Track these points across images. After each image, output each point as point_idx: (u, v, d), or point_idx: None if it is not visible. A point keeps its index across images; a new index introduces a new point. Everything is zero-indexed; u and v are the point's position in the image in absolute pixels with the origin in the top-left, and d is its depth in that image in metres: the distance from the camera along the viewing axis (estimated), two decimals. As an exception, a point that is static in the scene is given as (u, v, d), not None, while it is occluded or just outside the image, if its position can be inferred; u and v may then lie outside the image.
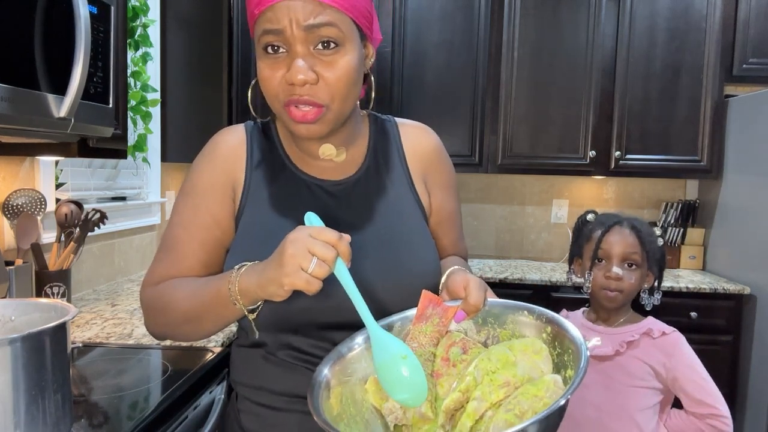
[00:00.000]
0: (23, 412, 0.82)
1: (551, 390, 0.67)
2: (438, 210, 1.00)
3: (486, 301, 0.82)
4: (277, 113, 0.87)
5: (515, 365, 0.72)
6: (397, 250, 0.90)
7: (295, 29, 0.79)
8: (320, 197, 0.92)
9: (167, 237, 0.92)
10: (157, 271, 0.91)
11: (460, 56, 2.86)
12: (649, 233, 1.44)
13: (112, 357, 1.42)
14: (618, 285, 1.40)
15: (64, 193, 1.97)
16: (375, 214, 0.92)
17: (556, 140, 2.88)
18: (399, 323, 0.83)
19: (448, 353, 0.77)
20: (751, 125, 2.63)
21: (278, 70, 0.82)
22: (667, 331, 1.42)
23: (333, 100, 0.83)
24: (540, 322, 0.79)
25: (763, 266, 2.50)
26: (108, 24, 1.38)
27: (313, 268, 0.70)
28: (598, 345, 1.39)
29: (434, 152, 1.01)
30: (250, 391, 0.92)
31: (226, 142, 0.94)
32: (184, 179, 0.94)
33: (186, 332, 0.89)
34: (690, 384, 1.38)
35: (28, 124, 1.16)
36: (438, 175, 1.01)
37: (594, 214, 1.52)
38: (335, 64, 0.82)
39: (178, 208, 0.92)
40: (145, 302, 0.92)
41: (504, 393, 0.69)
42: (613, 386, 1.40)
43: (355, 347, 0.81)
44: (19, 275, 1.54)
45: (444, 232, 1.02)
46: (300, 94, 0.81)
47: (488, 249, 3.29)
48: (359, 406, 0.76)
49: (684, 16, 2.77)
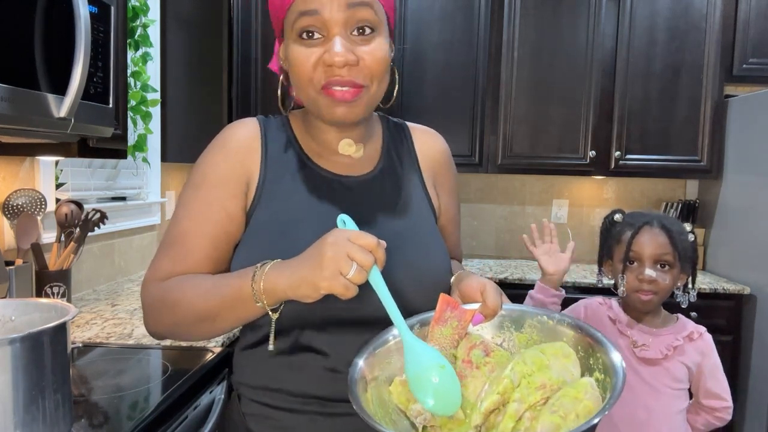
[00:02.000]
0: (23, 412, 0.82)
1: (589, 392, 0.69)
2: (444, 212, 1.02)
3: (503, 305, 0.83)
4: (310, 99, 0.85)
5: (549, 368, 0.74)
6: (413, 248, 0.89)
7: (335, 10, 0.79)
8: (339, 192, 0.90)
9: (173, 231, 0.88)
10: (161, 267, 0.87)
11: (460, 56, 2.86)
12: (680, 231, 1.41)
13: (112, 357, 1.42)
14: (651, 287, 1.37)
15: (64, 193, 1.97)
16: (392, 211, 0.92)
17: (556, 140, 2.88)
18: (417, 326, 0.83)
19: (470, 355, 0.78)
20: (751, 125, 2.63)
21: (313, 54, 0.81)
22: (702, 332, 1.43)
23: (372, 81, 0.83)
24: (561, 327, 0.81)
25: (763, 266, 2.50)
26: (108, 24, 1.38)
27: (353, 274, 0.69)
28: (646, 348, 1.40)
29: (443, 156, 1.03)
30: (259, 394, 0.89)
31: (240, 135, 0.91)
32: (192, 171, 0.91)
33: (197, 332, 0.85)
34: (712, 381, 1.42)
35: (28, 124, 1.16)
36: (446, 179, 1.03)
37: (621, 214, 1.49)
38: (372, 47, 0.82)
39: (185, 201, 0.89)
40: (148, 300, 0.87)
41: (540, 395, 0.70)
42: (660, 389, 1.40)
43: (384, 344, 0.80)
44: (19, 275, 1.54)
45: (447, 235, 1.02)
46: (340, 75, 0.80)
47: (488, 249, 3.29)
48: (386, 405, 0.76)
49: (684, 16, 2.77)
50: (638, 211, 1.51)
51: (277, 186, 0.89)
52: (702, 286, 2.56)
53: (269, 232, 0.86)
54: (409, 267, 0.87)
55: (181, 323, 0.84)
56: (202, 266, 0.86)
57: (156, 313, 0.86)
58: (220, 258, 0.88)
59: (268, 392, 0.88)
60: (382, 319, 0.76)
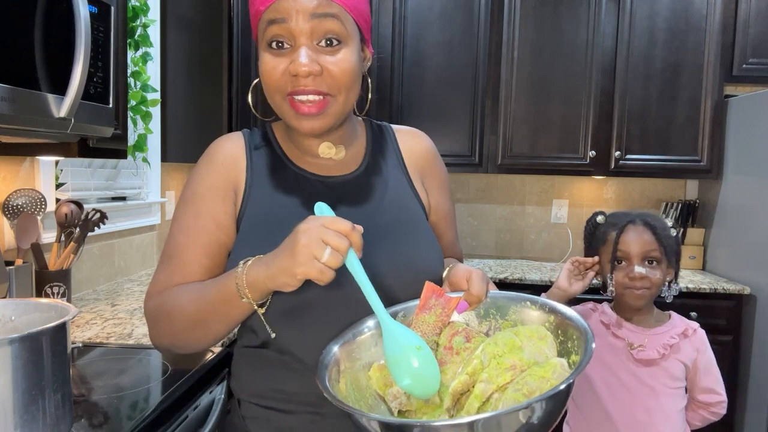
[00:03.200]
0: (23, 412, 0.82)
1: (558, 372, 0.68)
2: (435, 209, 1.02)
3: (488, 292, 0.83)
4: (278, 108, 0.87)
5: (521, 350, 0.73)
6: (402, 240, 0.90)
7: (301, 20, 0.81)
8: (322, 192, 0.92)
9: (169, 246, 0.91)
10: (160, 281, 0.90)
11: (460, 56, 2.86)
12: (663, 227, 1.43)
13: (112, 357, 1.42)
14: (643, 283, 1.39)
15: (64, 193, 1.97)
16: (378, 207, 0.93)
17: (556, 140, 2.88)
18: (402, 313, 0.83)
19: (452, 342, 0.78)
20: (751, 125, 2.63)
21: (281, 63, 0.83)
22: (695, 328, 1.44)
23: (339, 91, 0.84)
24: (543, 312, 0.81)
25: (763, 266, 2.50)
26: (108, 24, 1.38)
27: (327, 258, 0.70)
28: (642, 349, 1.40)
29: (429, 154, 1.04)
30: (258, 396, 0.90)
31: (225, 148, 0.94)
32: (184, 188, 0.94)
33: (193, 339, 0.86)
34: (707, 376, 1.42)
35: (28, 124, 1.16)
36: (434, 176, 1.04)
37: (603, 215, 1.50)
38: (338, 59, 0.83)
39: (178, 217, 0.92)
40: (149, 314, 0.90)
41: (510, 376, 0.69)
42: (659, 389, 1.40)
43: (364, 331, 0.81)
44: (19, 275, 1.54)
45: (442, 231, 1.03)
46: (304, 84, 0.82)
47: (488, 249, 3.30)
48: (363, 392, 0.76)
49: (684, 16, 2.77)
50: (619, 211, 1.53)
51: (263, 191, 0.91)
52: (702, 286, 2.56)
53: (256, 235, 0.87)
54: (399, 259, 0.88)
55: (178, 332, 0.86)
56: (198, 275, 0.88)
57: (156, 325, 0.89)
58: (215, 267, 0.89)
59: (267, 394, 0.89)
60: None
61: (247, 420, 0.91)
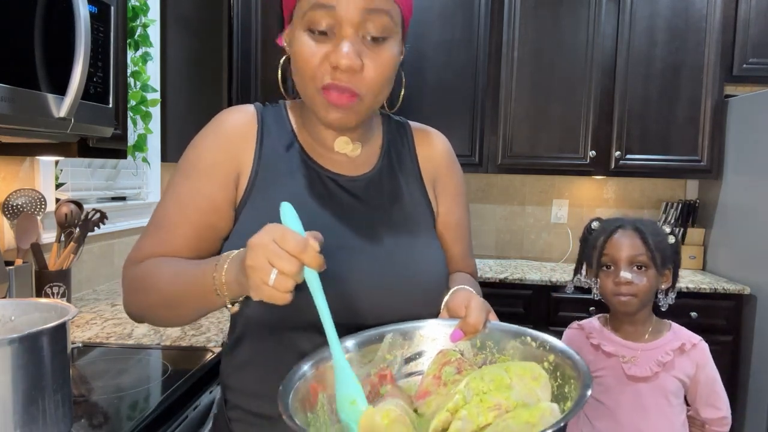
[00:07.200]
0: (23, 413, 0.82)
1: (546, 418, 0.60)
2: (444, 217, 0.97)
3: (487, 323, 0.77)
4: (308, 96, 0.82)
5: (510, 388, 0.66)
6: (406, 256, 0.87)
7: (351, 10, 0.75)
8: (334, 192, 0.88)
9: (159, 214, 0.86)
10: (143, 248, 0.85)
11: (460, 56, 2.86)
12: (655, 232, 1.39)
13: (112, 357, 1.42)
14: (629, 289, 1.35)
15: (64, 193, 1.97)
16: (388, 216, 0.89)
17: (556, 140, 2.88)
18: (390, 335, 0.78)
19: (441, 372, 0.72)
20: (751, 125, 2.63)
21: (321, 50, 0.78)
22: (696, 342, 1.39)
23: (369, 92, 0.80)
24: (543, 350, 0.74)
25: (763, 266, 2.50)
26: (108, 24, 1.38)
27: (273, 282, 0.63)
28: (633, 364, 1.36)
29: (446, 158, 1.00)
30: (243, 399, 0.87)
31: (234, 122, 0.88)
32: (185, 153, 0.88)
33: (164, 317, 0.83)
34: (709, 392, 1.38)
35: (28, 124, 1.16)
36: (447, 181, 0.99)
37: (599, 222, 1.48)
38: (380, 56, 0.79)
39: (174, 185, 0.86)
40: (127, 281, 0.85)
41: (493, 416, 0.62)
42: (652, 408, 1.35)
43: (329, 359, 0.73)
44: (19, 275, 1.54)
45: (451, 241, 0.98)
46: (342, 79, 0.77)
47: (488, 249, 3.29)
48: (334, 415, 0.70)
49: (684, 16, 2.77)
50: (614, 217, 1.50)
51: (271, 181, 0.86)
52: (702, 286, 2.56)
53: (256, 230, 0.82)
54: (400, 275, 0.85)
55: (151, 306, 0.82)
56: (183, 253, 0.84)
57: (132, 294, 0.85)
58: (203, 248, 0.85)
59: (253, 398, 0.86)
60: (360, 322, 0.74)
61: (232, 423, 0.88)
